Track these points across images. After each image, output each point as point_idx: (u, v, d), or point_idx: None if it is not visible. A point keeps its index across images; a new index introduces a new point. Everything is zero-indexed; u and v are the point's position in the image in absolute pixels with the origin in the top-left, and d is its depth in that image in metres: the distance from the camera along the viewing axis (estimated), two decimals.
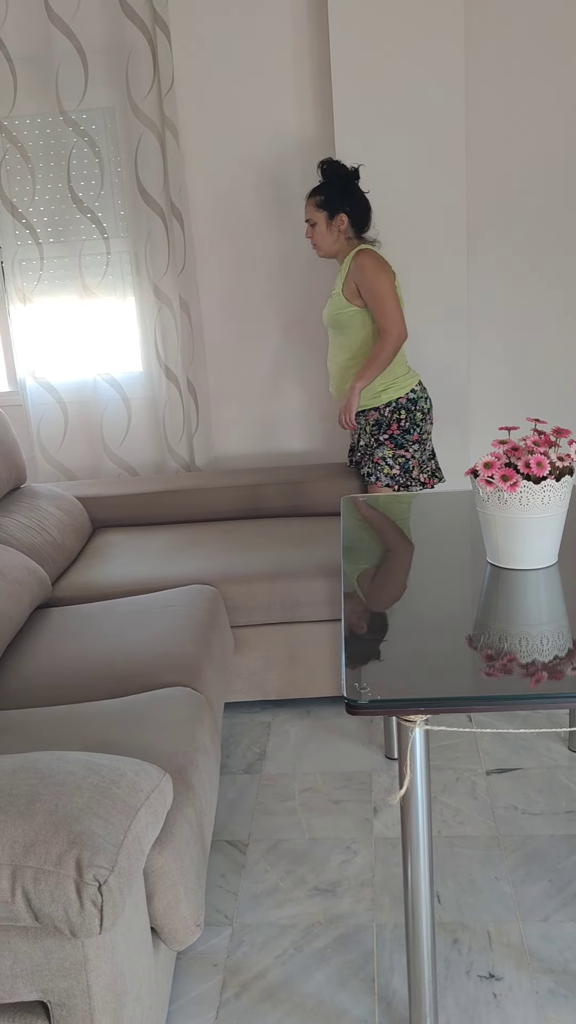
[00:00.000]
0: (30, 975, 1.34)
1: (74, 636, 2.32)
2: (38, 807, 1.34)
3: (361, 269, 2.89)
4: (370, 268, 2.87)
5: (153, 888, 1.51)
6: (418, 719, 1.41)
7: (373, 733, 2.65)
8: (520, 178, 3.42)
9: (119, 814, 1.37)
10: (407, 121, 3.21)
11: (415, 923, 1.53)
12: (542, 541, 1.82)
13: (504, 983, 1.74)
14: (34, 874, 1.27)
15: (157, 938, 1.59)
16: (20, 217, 3.45)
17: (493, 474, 1.78)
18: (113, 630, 2.32)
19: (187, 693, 1.98)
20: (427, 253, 3.33)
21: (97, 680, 2.08)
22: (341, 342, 3.04)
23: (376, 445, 3.07)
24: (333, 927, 1.92)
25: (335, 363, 3.09)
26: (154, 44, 3.22)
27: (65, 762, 1.46)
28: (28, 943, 1.33)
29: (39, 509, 3.00)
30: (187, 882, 1.55)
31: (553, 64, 3.30)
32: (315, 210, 2.97)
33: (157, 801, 1.46)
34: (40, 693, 2.07)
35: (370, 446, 3.10)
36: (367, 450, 3.11)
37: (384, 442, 3.05)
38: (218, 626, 2.45)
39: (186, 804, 1.64)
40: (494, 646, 1.54)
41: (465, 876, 2.03)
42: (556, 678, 1.40)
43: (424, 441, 3.08)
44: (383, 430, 3.05)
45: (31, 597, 2.44)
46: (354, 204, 2.96)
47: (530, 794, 2.30)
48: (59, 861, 1.27)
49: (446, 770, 2.43)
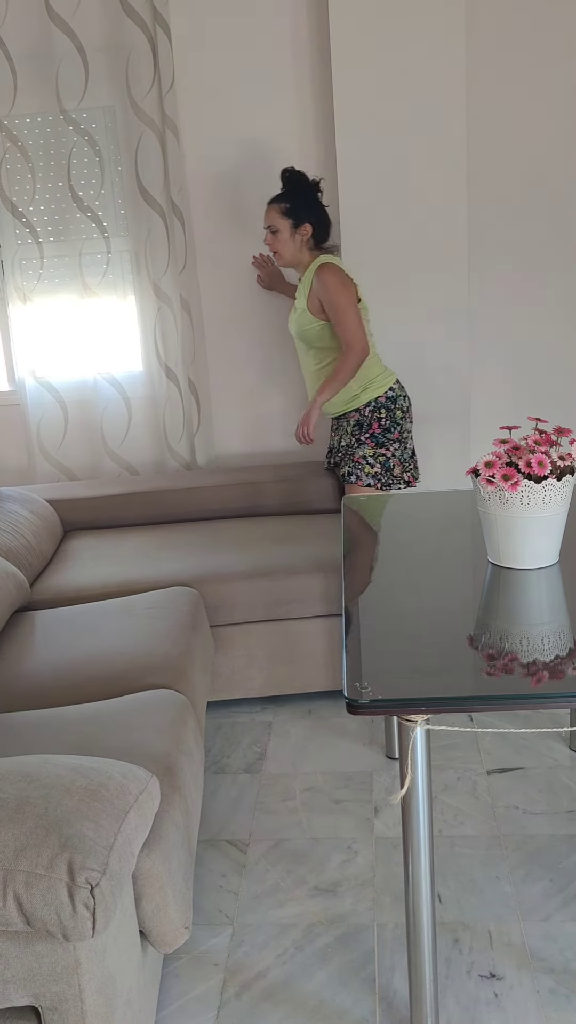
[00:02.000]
0: (21, 980, 1.33)
1: (55, 639, 2.32)
2: (28, 811, 1.33)
3: (324, 287, 2.88)
4: (333, 285, 2.86)
5: (141, 891, 1.51)
6: (419, 719, 1.41)
7: (374, 733, 2.65)
8: (521, 178, 3.42)
9: (109, 817, 1.36)
10: (408, 121, 3.21)
11: (416, 923, 1.53)
12: (543, 540, 1.82)
13: (505, 983, 1.74)
14: (26, 878, 1.26)
15: (145, 941, 1.58)
16: (20, 216, 3.45)
17: (494, 473, 1.78)
18: (94, 633, 2.32)
19: (170, 696, 1.98)
20: (428, 253, 3.33)
21: (80, 683, 2.08)
22: (311, 352, 3.08)
23: (357, 445, 3.07)
24: (334, 927, 1.91)
25: (308, 370, 3.13)
26: (154, 43, 3.22)
27: (53, 765, 1.46)
28: (19, 948, 1.32)
29: (11, 512, 2.98)
30: (175, 884, 1.55)
31: (555, 64, 3.29)
32: (279, 217, 2.97)
33: (146, 803, 1.45)
34: (22, 697, 2.06)
35: (351, 446, 3.10)
36: (348, 450, 3.12)
37: (365, 441, 3.05)
38: (199, 628, 2.45)
39: (173, 807, 1.63)
40: (495, 646, 1.54)
41: (466, 876, 2.03)
42: (557, 678, 1.40)
43: (404, 440, 3.10)
44: (364, 430, 3.06)
45: (10, 600, 2.44)
46: (320, 215, 2.98)
47: (531, 794, 2.30)
48: (51, 865, 1.26)
49: (447, 770, 2.43)
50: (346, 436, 3.13)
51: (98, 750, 1.70)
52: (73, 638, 2.31)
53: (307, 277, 2.99)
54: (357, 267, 3.35)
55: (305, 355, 3.11)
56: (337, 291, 2.86)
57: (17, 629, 2.42)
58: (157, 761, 1.69)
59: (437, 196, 3.27)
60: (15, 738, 1.79)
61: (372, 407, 3.05)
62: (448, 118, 3.19)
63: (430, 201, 3.28)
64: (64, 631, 2.36)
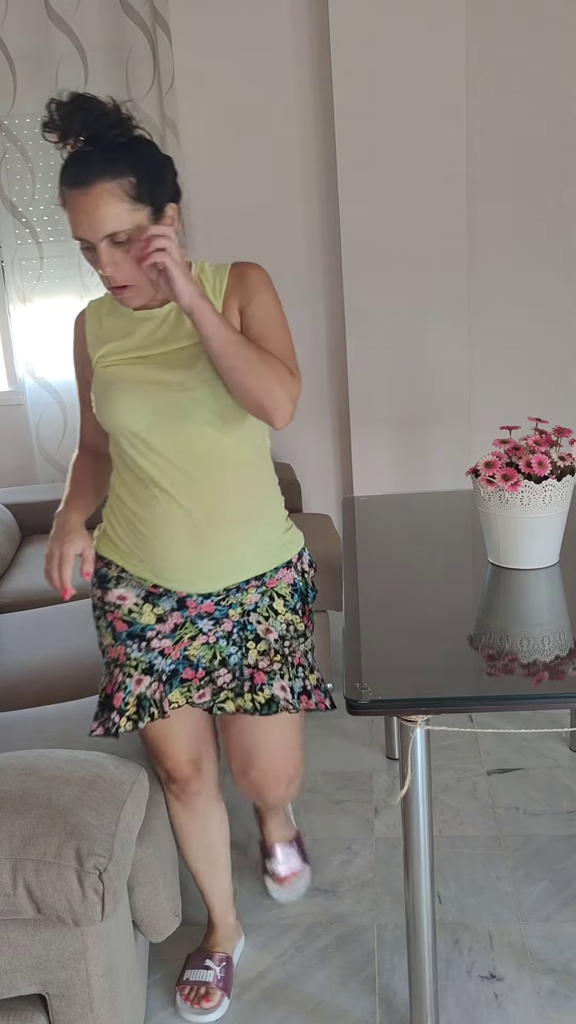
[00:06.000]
0: (29, 968, 1.35)
1: (24, 641, 2.32)
2: (32, 801, 1.35)
3: (259, 286, 1.54)
4: (270, 288, 1.56)
5: (133, 881, 1.54)
6: (419, 719, 1.40)
7: (374, 733, 2.65)
8: (522, 176, 3.41)
9: (108, 805, 1.39)
10: (408, 120, 3.20)
11: (416, 923, 1.52)
12: (543, 541, 1.82)
13: (505, 983, 1.74)
14: (35, 866, 1.28)
15: (136, 930, 1.62)
16: (20, 216, 3.45)
17: (494, 474, 1.78)
18: (63, 634, 2.32)
19: None
20: (429, 252, 3.32)
21: (51, 684, 2.09)
22: (224, 429, 1.50)
23: (294, 634, 1.62)
24: (334, 927, 1.91)
25: (212, 476, 1.52)
26: (154, 42, 3.22)
27: (50, 759, 1.49)
28: (27, 936, 1.34)
29: None
30: (165, 873, 1.59)
31: (556, 62, 3.29)
32: (123, 204, 1.40)
33: (139, 793, 1.49)
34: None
35: (287, 636, 1.61)
36: (274, 645, 1.60)
37: (307, 624, 1.65)
38: None
39: (158, 798, 1.67)
40: (495, 646, 1.54)
41: (466, 876, 2.03)
42: (557, 678, 1.40)
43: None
44: (303, 598, 1.64)
45: None
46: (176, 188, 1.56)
47: (531, 794, 2.30)
48: (59, 852, 1.29)
49: (447, 770, 2.43)
50: (267, 616, 1.59)
51: (79, 747, 1.72)
52: (41, 640, 2.32)
53: (205, 289, 1.55)
54: (357, 268, 3.34)
55: (213, 449, 1.51)
56: (275, 298, 1.56)
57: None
58: (135, 756, 1.71)
59: (437, 196, 3.27)
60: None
61: (308, 560, 1.67)
62: (450, 116, 3.19)
63: (430, 201, 3.28)
64: (32, 633, 2.37)
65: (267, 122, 3.37)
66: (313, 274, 3.54)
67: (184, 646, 1.60)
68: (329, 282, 3.53)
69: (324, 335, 3.59)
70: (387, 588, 1.86)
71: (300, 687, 1.63)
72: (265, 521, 1.59)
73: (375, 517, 2.37)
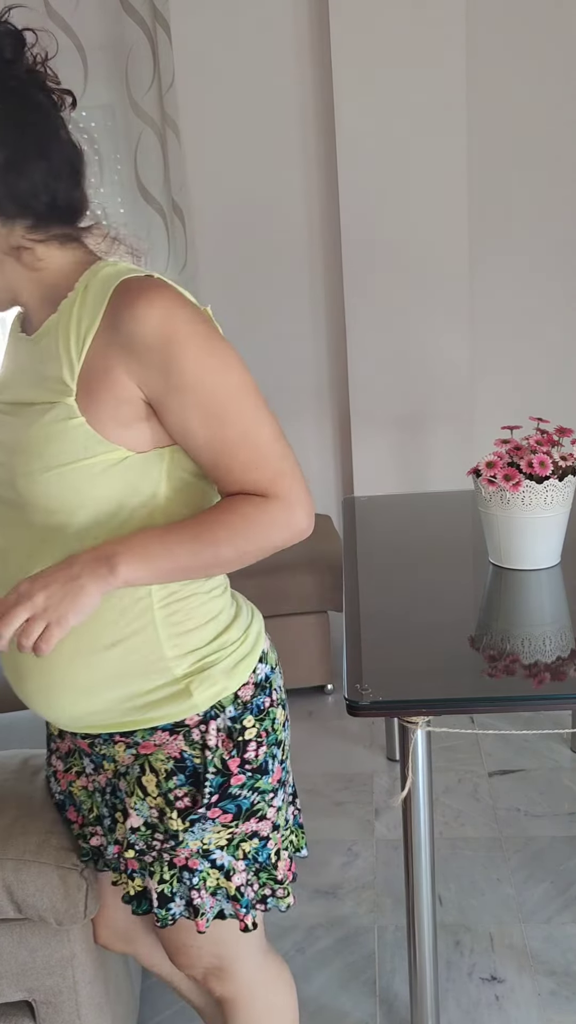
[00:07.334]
0: (15, 975, 1.34)
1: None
2: (8, 801, 1.34)
3: (170, 346, 1.04)
4: (192, 338, 1.09)
5: None
6: (420, 720, 1.40)
7: (375, 734, 2.64)
8: (523, 175, 3.41)
9: None
10: (409, 119, 3.19)
11: (417, 925, 1.52)
12: (545, 541, 1.81)
13: (506, 985, 1.73)
14: (14, 865, 1.27)
15: None
16: None
17: (496, 474, 1.77)
18: None
19: None
20: (429, 251, 3.32)
21: None
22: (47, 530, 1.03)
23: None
24: (334, 929, 1.91)
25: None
26: (154, 41, 3.21)
27: (23, 759, 1.48)
28: (13, 942, 1.33)
29: None
30: None
31: (557, 60, 3.28)
32: None
33: None
34: None
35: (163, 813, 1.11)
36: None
37: (233, 772, 1.14)
38: None
39: None
40: (496, 647, 1.53)
41: (467, 878, 2.02)
42: (559, 679, 1.39)
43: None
44: (237, 749, 1.16)
45: None
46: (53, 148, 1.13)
47: (532, 796, 2.29)
48: (38, 850, 1.27)
49: (448, 771, 2.42)
50: (131, 792, 1.11)
51: None
52: None
53: (62, 325, 1.05)
54: (358, 266, 3.33)
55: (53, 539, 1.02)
56: (206, 355, 1.10)
57: None
58: None
59: (439, 194, 3.26)
60: None
61: (240, 706, 1.17)
62: (450, 115, 3.18)
63: (432, 199, 3.27)
64: None
65: (267, 121, 3.36)
66: (313, 274, 3.53)
67: (71, 779, 1.23)
68: (329, 282, 3.53)
69: (324, 335, 3.58)
70: (388, 589, 1.85)
71: (185, 896, 1.10)
72: (115, 660, 1.02)
73: (376, 517, 2.36)
